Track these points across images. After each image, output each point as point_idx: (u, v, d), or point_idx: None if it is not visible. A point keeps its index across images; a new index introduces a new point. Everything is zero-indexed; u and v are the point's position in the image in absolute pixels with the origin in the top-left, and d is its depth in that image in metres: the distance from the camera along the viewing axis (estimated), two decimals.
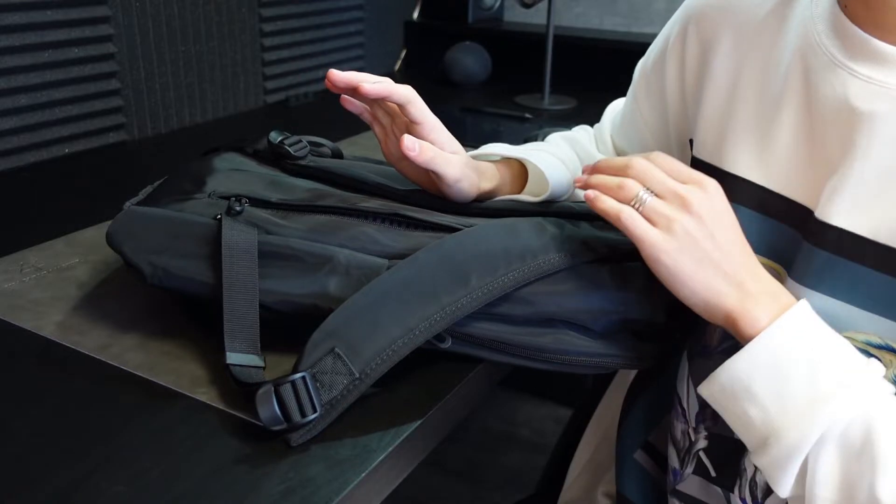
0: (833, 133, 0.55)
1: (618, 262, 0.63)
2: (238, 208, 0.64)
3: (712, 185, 0.55)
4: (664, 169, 0.56)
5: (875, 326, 0.55)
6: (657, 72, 0.72)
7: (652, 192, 0.55)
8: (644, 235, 0.53)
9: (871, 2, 0.53)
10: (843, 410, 0.49)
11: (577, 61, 1.66)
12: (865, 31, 0.53)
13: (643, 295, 0.61)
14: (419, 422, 0.55)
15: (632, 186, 0.55)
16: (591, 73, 1.66)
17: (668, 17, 0.72)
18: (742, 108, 0.62)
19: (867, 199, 0.53)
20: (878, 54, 0.52)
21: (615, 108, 0.86)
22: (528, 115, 1.43)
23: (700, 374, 0.67)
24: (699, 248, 0.53)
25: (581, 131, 0.87)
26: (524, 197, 0.72)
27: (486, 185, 0.70)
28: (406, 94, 0.65)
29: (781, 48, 0.59)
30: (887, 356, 0.55)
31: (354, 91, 0.63)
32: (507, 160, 0.75)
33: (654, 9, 1.74)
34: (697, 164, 0.65)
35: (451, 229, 0.63)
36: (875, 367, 0.50)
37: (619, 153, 0.82)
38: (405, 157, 0.64)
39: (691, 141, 0.69)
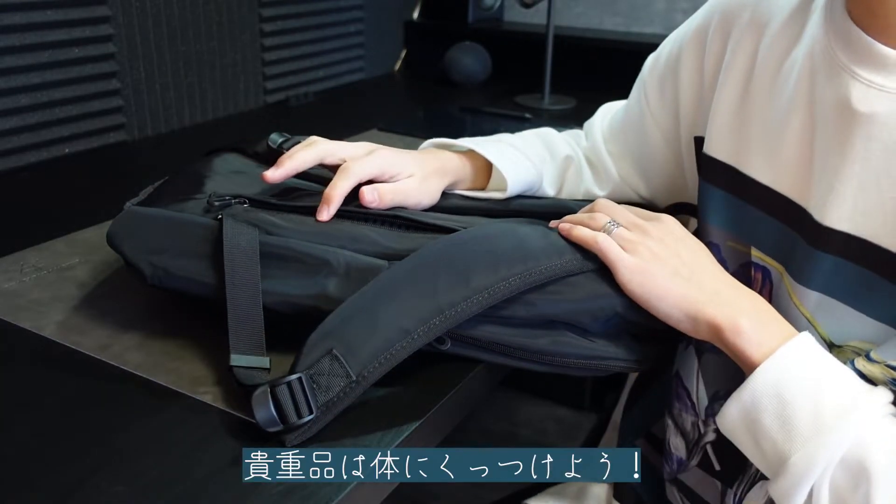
0: (834, 136, 0.55)
1: None
2: (238, 208, 0.64)
3: (669, 218, 0.62)
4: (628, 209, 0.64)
5: (871, 330, 0.55)
6: (672, 66, 0.72)
7: (617, 223, 0.61)
8: (617, 258, 0.58)
9: (874, 7, 0.53)
10: (846, 441, 0.49)
11: (577, 61, 1.66)
12: (870, 35, 0.53)
13: None
14: (419, 422, 0.55)
15: (600, 217, 0.62)
16: (591, 73, 1.66)
17: (668, 18, 0.72)
18: (755, 109, 0.62)
19: (866, 203, 0.53)
20: (880, 58, 0.52)
21: (609, 110, 0.86)
22: (528, 115, 1.43)
23: (710, 370, 0.67)
24: (667, 264, 0.58)
25: (565, 134, 0.86)
26: (492, 194, 0.73)
27: (448, 180, 0.72)
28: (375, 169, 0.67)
29: (796, 52, 0.59)
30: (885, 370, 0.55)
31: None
32: (472, 151, 0.75)
33: (654, 9, 1.73)
34: (709, 162, 0.66)
35: (450, 231, 0.63)
36: (877, 397, 0.51)
37: (613, 157, 0.82)
38: None
39: (696, 139, 0.69)
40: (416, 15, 1.88)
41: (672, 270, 0.57)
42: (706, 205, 0.67)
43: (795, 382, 0.51)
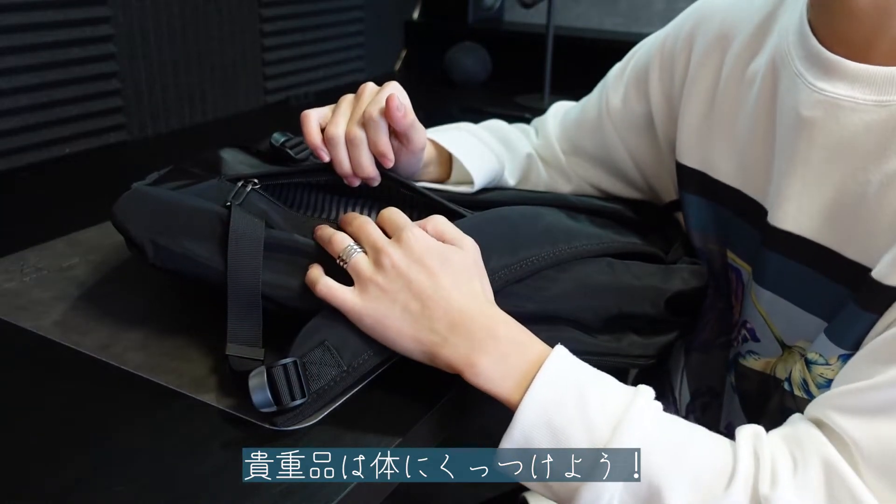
0: (786, 141, 0.57)
1: (617, 258, 0.64)
2: (247, 189, 0.64)
3: (413, 231, 0.54)
4: (382, 221, 0.57)
5: (813, 328, 0.56)
6: (640, 78, 0.73)
7: (359, 248, 0.55)
8: (342, 303, 0.53)
9: (827, 20, 0.54)
10: (628, 463, 0.46)
11: (577, 61, 1.66)
12: (824, 45, 0.55)
13: (641, 291, 0.61)
14: (419, 422, 0.55)
15: (340, 241, 0.56)
16: (591, 73, 1.64)
17: (668, 18, 0.73)
18: (723, 117, 0.64)
19: (808, 204, 0.55)
20: (826, 63, 0.54)
21: (560, 109, 0.86)
22: (527, 116, 1.43)
23: (695, 368, 0.68)
24: (396, 301, 0.52)
25: (513, 128, 0.86)
26: (461, 189, 0.72)
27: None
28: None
29: (760, 58, 0.61)
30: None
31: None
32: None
33: (654, 9, 1.74)
34: (681, 169, 0.68)
35: (453, 213, 0.64)
36: (641, 402, 0.48)
37: (568, 155, 0.82)
38: None
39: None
40: (416, 15, 1.88)
41: (401, 308, 0.52)
42: (685, 210, 0.69)
43: (561, 419, 0.48)
